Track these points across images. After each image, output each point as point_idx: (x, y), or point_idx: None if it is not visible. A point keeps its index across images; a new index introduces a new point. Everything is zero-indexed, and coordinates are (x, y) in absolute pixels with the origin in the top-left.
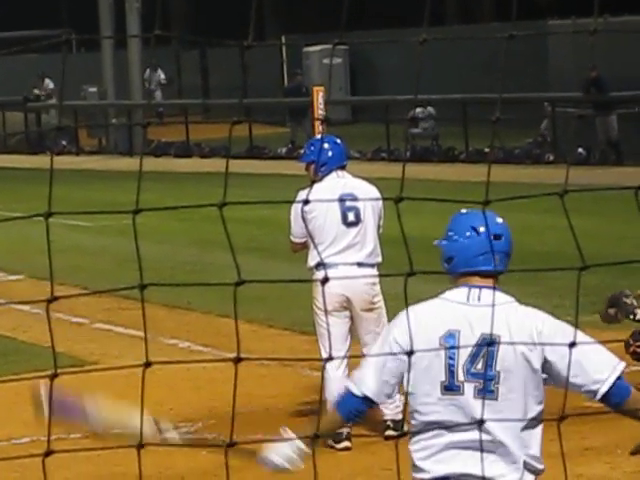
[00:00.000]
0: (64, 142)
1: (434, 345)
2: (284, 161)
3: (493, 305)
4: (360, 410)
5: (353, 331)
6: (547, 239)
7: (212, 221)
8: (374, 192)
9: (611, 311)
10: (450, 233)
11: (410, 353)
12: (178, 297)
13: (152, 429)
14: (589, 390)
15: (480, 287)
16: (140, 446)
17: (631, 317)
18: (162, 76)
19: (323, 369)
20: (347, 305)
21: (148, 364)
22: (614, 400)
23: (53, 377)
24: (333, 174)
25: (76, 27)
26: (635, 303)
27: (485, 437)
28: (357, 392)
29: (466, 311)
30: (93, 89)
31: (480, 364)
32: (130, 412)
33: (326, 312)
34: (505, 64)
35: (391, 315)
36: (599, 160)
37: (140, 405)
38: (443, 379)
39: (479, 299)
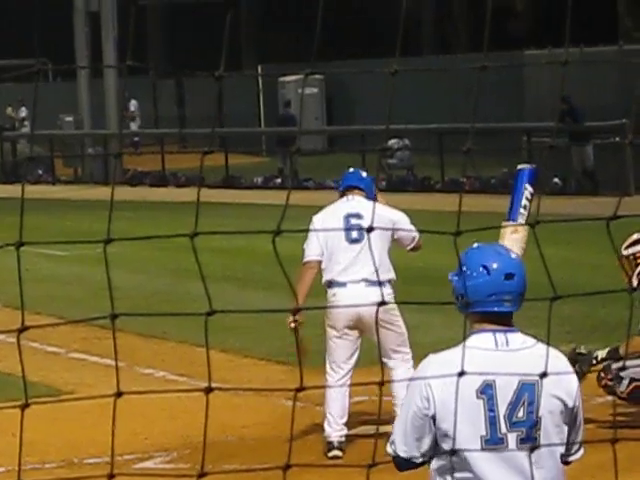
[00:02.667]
0: (40, 171)
1: (471, 399)
2: (260, 190)
3: (515, 350)
4: (409, 467)
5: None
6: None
7: (187, 250)
8: (385, 214)
9: (575, 369)
10: (462, 269)
11: (434, 417)
12: (153, 327)
13: None
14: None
15: (504, 331)
16: (111, 476)
17: (594, 362)
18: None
19: (326, 381)
20: (358, 324)
21: (120, 394)
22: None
23: (24, 407)
24: (344, 198)
25: (52, 56)
26: (590, 351)
27: None
28: (391, 452)
29: (498, 358)
30: (69, 118)
31: (521, 412)
32: None
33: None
34: (481, 94)
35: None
36: (575, 190)
37: (112, 435)
38: (484, 433)
39: (507, 343)
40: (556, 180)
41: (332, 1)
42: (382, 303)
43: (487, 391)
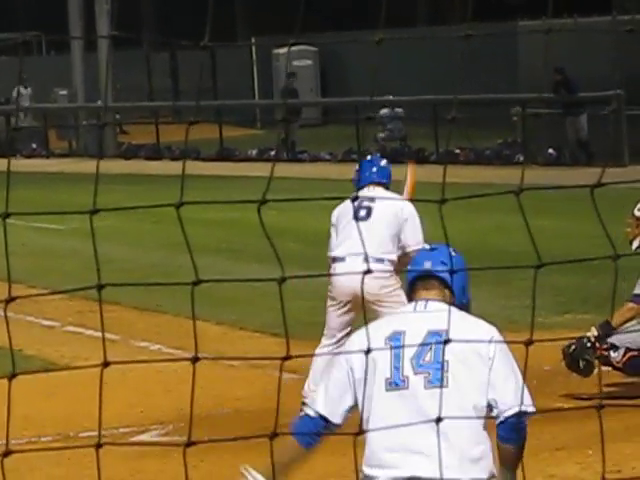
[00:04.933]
0: (34, 145)
1: (379, 345)
2: (254, 163)
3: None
4: (316, 432)
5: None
6: (519, 239)
7: (183, 223)
8: (398, 205)
9: (581, 363)
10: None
11: (351, 368)
12: (148, 299)
13: None
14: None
15: (426, 299)
16: (98, 446)
17: (589, 345)
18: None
19: (318, 345)
20: (354, 299)
21: (107, 364)
22: (502, 432)
23: (11, 377)
24: (365, 189)
25: (46, 31)
26: (583, 340)
27: (434, 432)
28: (311, 412)
29: (412, 316)
30: (63, 92)
31: (428, 356)
32: None
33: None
34: (476, 66)
35: None
36: (570, 160)
37: (99, 406)
38: (388, 376)
39: (425, 307)
40: (551, 151)
41: None
42: (369, 272)
43: (395, 338)
